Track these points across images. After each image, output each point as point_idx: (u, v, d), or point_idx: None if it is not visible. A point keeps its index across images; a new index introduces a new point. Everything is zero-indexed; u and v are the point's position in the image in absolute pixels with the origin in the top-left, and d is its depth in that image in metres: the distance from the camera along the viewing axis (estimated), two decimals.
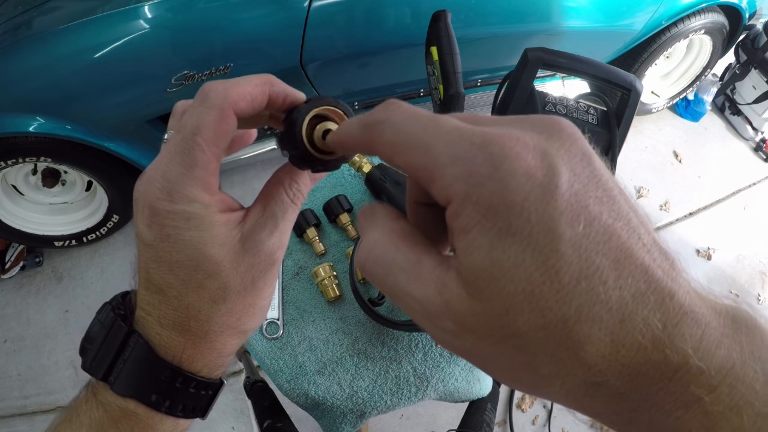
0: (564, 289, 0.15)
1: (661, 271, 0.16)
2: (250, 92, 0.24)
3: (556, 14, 1.56)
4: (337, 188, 0.88)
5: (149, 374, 0.25)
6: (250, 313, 0.27)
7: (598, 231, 0.15)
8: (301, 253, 0.81)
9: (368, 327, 0.75)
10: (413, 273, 0.18)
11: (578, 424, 1.51)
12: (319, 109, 0.25)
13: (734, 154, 2.30)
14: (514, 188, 0.15)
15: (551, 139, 0.17)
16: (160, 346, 0.25)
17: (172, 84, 1.23)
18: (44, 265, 1.65)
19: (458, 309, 0.17)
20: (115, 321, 0.26)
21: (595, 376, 0.16)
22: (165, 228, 0.23)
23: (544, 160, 0.16)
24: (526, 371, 0.17)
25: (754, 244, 2.00)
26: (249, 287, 0.25)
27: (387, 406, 0.71)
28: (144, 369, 0.25)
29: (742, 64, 2.21)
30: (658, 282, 0.16)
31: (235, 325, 0.26)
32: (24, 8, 1.25)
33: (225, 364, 0.28)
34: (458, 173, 0.16)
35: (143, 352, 0.25)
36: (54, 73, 1.16)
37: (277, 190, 0.27)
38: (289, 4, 1.25)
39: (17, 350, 1.51)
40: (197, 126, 0.23)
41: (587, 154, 0.17)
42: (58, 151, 1.29)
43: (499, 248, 0.16)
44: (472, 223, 0.16)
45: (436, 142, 0.17)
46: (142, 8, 1.16)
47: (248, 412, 1.42)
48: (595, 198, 0.16)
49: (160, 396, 0.25)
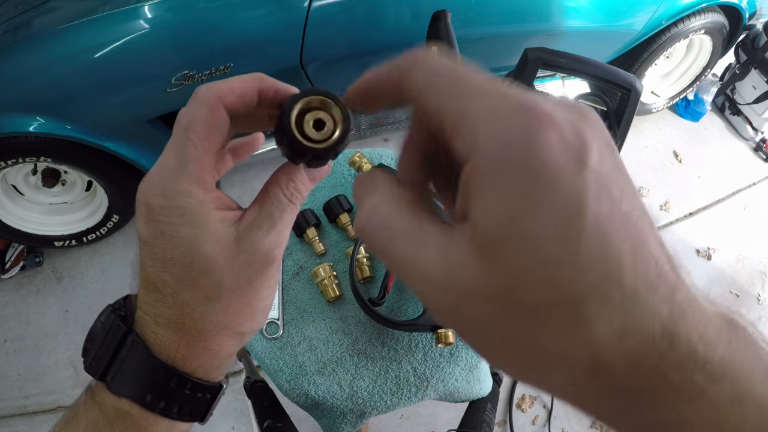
0: (582, 264, 0.15)
1: (668, 265, 0.16)
2: (238, 87, 0.24)
3: (556, 14, 1.56)
4: (337, 188, 0.88)
5: (144, 374, 0.25)
6: (247, 313, 0.26)
7: (619, 215, 0.15)
8: (301, 253, 0.81)
9: (368, 327, 0.75)
10: (415, 240, 0.18)
11: (578, 424, 1.51)
12: (309, 98, 0.25)
13: (734, 154, 2.30)
14: (547, 156, 0.15)
15: (584, 121, 0.17)
16: (155, 344, 0.25)
17: (172, 84, 1.23)
18: (44, 265, 1.65)
19: (463, 277, 0.16)
20: (115, 321, 0.26)
21: (601, 359, 0.15)
22: (160, 224, 0.23)
23: (578, 137, 0.16)
24: (527, 350, 0.16)
25: (754, 244, 2.00)
26: (244, 286, 0.25)
27: (387, 406, 0.71)
28: (139, 368, 0.25)
29: (742, 64, 2.21)
30: (667, 274, 0.16)
31: (231, 325, 0.26)
32: (24, 8, 1.25)
33: (222, 367, 0.28)
34: (492, 130, 0.16)
35: (139, 351, 0.25)
36: (54, 73, 1.16)
37: (274, 190, 0.26)
38: (289, 4, 1.25)
39: (17, 350, 1.51)
40: (188, 122, 0.24)
41: (611, 145, 0.17)
42: (58, 151, 1.29)
43: (521, 213, 0.15)
44: (496, 184, 0.16)
45: (475, 94, 0.17)
46: (142, 8, 1.16)
47: (248, 412, 1.42)
48: (618, 185, 0.16)
49: (155, 397, 0.25)
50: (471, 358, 0.75)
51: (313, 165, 0.27)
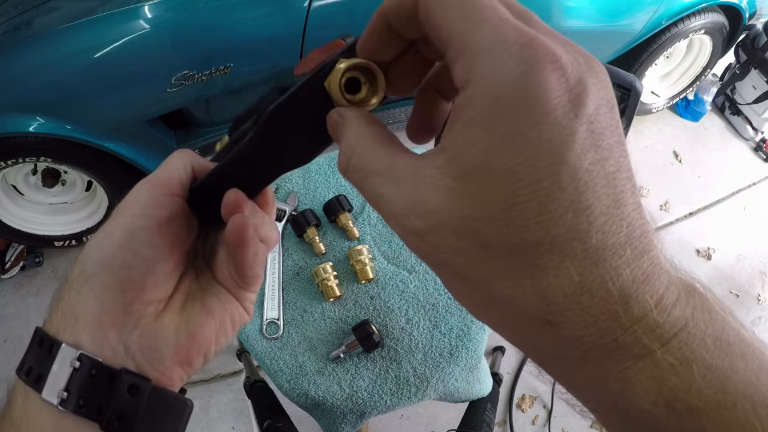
0: (548, 214, 0.15)
1: (641, 230, 0.16)
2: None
3: (556, 14, 1.56)
4: (338, 188, 0.88)
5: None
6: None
7: (600, 173, 0.15)
8: (301, 253, 0.81)
9: None
10: (387, 174, 0.18)
11: (578, 424, 1.51)
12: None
13: (734, 154, 2.30)
14: (540, 98, 0.15)
15: (590, 72, 0.16)
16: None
17: (172, 84, 1.23)
18: (44, 265, 1.65)
19: (430, 205, 0.16)
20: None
21: (552, 315, 0.15)
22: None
23: (578, 86, 0.15)
24: (477, 287, 0.16)
25: (754, 244, 2.00)
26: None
27: (387, 406, 0.71)
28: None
29: (742, 64, 2.21)
30: (637, 239, 0.16)
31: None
32: (24, 8, 1.25)
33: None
34: (492, 63, 0.16)
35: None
36: (54, 73, 1.16)
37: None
38: (289, 4, 1.25)
39: (17, 350, 1.51)
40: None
41: (612, 103, 0.17)
42: (58, 151, 1.28)
43: (500, 150, 0.15)
44: (484, 117, 0.16)
45: (486, 23, 0.16)
46: (142, 8, 1.16)
47: (248, 412, 1.42)
48: (608, 143, 0.16)
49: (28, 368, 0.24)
50: (471, 358, 0.75)
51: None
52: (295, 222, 0.81)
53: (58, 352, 0.22)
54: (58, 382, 0.22)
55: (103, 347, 0.23)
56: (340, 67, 0.22)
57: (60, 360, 0.22)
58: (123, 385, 0.22)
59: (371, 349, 0.72)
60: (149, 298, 0.24)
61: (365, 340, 0.71)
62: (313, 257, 0.81)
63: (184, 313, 0.25)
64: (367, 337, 0.71)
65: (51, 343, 0.23)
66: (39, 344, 0.23)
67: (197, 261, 0.28)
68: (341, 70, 0.22)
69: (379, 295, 0.77)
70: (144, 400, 0.23)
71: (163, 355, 0.24)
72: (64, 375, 0.22)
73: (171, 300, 0.25)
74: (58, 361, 0.22)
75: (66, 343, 0.22)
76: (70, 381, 0.22)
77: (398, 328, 0.75)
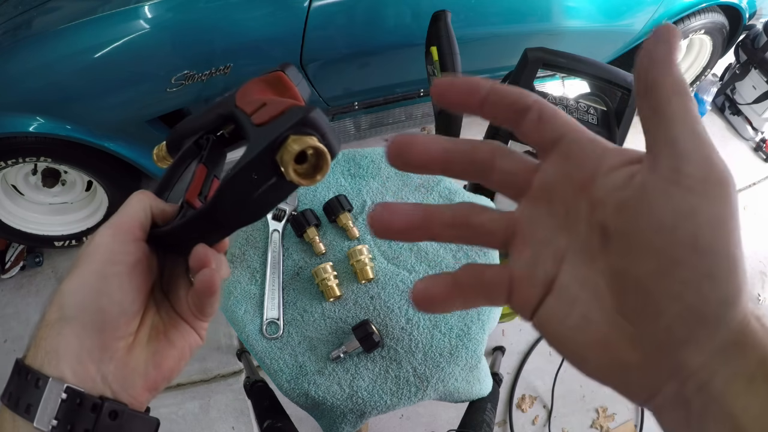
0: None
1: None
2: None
3: (556, 14, 1.56)
4: (338, 189, 0.88)
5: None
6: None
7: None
8: (301, 253, 0.81)
9: None
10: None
11: (578, 424, 1.51)
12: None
13: (734, 154, 2.30)
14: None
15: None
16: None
17: (172, 84, 1.23)
18: (44, 265, 1.65)
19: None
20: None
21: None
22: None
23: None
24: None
25: (753, 244, 2.00)
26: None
27: (387, 406, 0.71)
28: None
29: (742, 64, 2.21)
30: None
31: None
32: (24, 8, 1.25)
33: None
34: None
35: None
36: (54, 73, 1.16)
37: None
38: (289, 4, 1.25)
39: (17, 350, 1.51)
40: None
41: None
42: (58, 151, 1.28)
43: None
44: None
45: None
46: (142, 8, 1.16)
47: (248, 412, 1.42)
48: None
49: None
50: (471, 358, 0.75)
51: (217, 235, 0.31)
52: (295, 222, 0.81)
53: (47, 385, 0.26)
54: (48, 412, 0.25)
55: (85, 380, 0.27)
56: (295, 148, 0.24)
57: (48, 392, 0.25)
58: (105, 411, 0.27)
59: (371, 349, 0.72)
60: (121, 335, 0.28)
61: (365, 340, 0.71)
62: (313, 257, 0.81)
63: (150, 345, 0.30)
64: (367, 337, 0.71)
65: (37, 377, 0.26)
66: (23, 376, 0.26)
67: (156, 294, 0.32)
68: (295, 152, 0.24)
69: (379, 295, 0.77)
70: (123, 423, 0.27)
71: (135, 383, 0.28)
72: (54, 405, 0.25)
73: (138, 333, 0.30)
74: (47, 393, 0.25)
75: (52, 378, 0.26)
76: (59, 411, 0.25)
77: (398, 328, 0.75)
